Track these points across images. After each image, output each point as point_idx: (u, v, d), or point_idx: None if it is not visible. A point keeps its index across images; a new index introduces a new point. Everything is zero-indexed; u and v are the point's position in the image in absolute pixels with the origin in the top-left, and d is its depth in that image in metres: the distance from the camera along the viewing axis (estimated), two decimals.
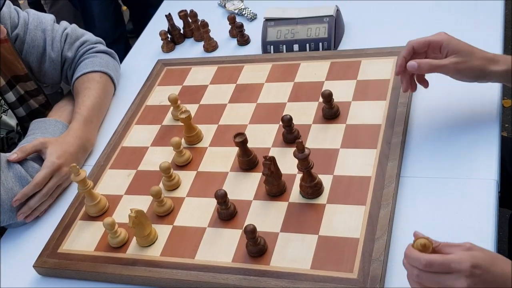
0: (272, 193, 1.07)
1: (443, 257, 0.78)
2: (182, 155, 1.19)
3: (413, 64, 0.96)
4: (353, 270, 0.91)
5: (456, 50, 0.99)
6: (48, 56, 1.39)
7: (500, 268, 0.77)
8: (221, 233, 1.04)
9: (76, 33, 1.45)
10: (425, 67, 0.98)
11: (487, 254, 0.78)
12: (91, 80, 1.39)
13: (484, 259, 0.77)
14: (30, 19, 1.38)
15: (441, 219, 0.96)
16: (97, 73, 1.41)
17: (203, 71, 1.43)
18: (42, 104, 1.41)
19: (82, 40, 1.45)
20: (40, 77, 1.44)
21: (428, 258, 0.78)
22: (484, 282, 0.76)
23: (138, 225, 1.03)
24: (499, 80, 1.04)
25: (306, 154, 1.00)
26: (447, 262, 0.77)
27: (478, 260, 0.76)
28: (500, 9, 1.33)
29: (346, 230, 0.97)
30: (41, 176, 1.18)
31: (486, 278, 0.76)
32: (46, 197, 1.20)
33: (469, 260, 0.76)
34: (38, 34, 1.38)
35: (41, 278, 1.10)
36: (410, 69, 0.95)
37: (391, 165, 1.04)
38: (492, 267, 0.77)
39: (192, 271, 0.99)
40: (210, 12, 1.66)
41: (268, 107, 1.26)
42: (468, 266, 0.75)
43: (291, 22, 1.40)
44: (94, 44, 1.47)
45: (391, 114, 1.13)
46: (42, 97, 1.41)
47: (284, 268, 0.95)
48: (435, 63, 0.99)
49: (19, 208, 1.18)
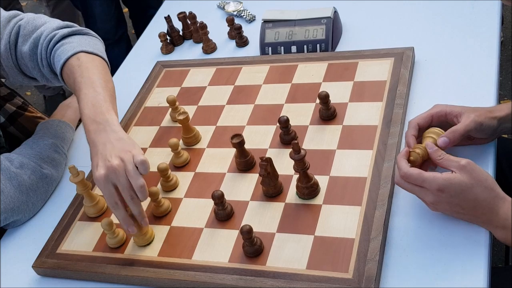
0: (268, 194, 1.08)
1: (420, 174, 0.91)
2: (180, 156, 1.20)
3: (445, 140, 0.97)
4: (348, 270, 0.92)
5: (464, 109, 1.00)
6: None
7: (474, 194, 0.88)
8: (218, 233, 1.05)
9: (33, 23, 1.24)
10: (455, 138, 0.98)
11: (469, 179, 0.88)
12: (76, 68, 1.15)
13: (460, 184, 0.88)
14: None
15: (436, 219, 0.97)
16: (74, 56, 1.17)
17: (201, 72, 1.44)
18: (19, 106, 1.37)
19: (39, 32, 1.22)
20: (6, 77, 1.28)
21: (407, 171, 0.92)
22: (449, 203, 0.90)
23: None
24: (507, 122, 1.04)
25: (302, 155, 1.00)
26: (420, 179, 0.91)
27: (448, 185, 0.88)
28: (497, 10, 1.34)
29: (342, 230, 0.98)
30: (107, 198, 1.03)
31: (451, 200, 0.90)
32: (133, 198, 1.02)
33: (439, 183, 0.89)
34: None
35: (40, 278, 1.11)
36: (444, 146, 0.96)
37: (387, 165, 1.05)
38: (463, 192, 0.88)
39: (189, 271, 1.00)
40: (209, 14, 1.66)
41: (265, 109, 1.27)
42: (434, 188, 0.90)
43: (289, 24, 1.41)
44: (53, 30, 1.23)
45: (388, 115, 1.14)
46: (18, 99, 1.38)
47: (280, 268, 0.96)
48: (460, 128, 0.98)
49: (29, 196, 1.18)
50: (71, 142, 1.39)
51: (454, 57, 1.26)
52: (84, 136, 1.39)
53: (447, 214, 0.95)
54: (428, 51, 1.29)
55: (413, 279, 0.91)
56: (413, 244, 0.95)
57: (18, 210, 1.19)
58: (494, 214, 0.89)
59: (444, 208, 0.93)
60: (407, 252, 0.94)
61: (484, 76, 1.19)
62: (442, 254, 0.92)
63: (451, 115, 1.01)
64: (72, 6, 2.77)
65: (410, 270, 0.92)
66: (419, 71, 1.25)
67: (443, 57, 1.27)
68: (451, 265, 0.90)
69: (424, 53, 1.29)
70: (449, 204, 0.91)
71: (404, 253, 0.94)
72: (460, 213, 0.92)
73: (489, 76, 1.18)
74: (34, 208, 1.23)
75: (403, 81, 1.20)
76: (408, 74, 1.21)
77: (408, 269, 0.92)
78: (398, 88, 1.19)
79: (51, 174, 1.25)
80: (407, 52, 1.26)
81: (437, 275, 0.90)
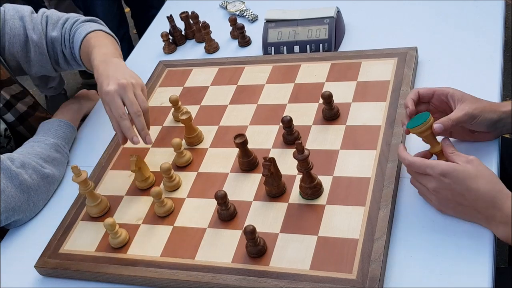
0: (272, 194, 1.07)
1: (423, 161, 0.93)
2: (182, 156, 1.19)
3: (440, 126, 0.97)
4: (352, 271, 0.91)
5: (464, 98, 1.00)
6: (31, 41, 1.37)
7: (477, 184, 0.89)
8: (221, 233, 1.05)
9: (57, 14, 1.43)
10: (448, 125, 0.98)
11: (473, 170, 0.89)
12: (93, 38, 1.33)
13: (463, 171, 0.89)
14: (6, 10, 1.36)
15: (440, 219, 0.97)
16: (93, 32, 1.36)
17: (204, 72, 1.43)
18: (31, 106, 1.40)
19: (65, 18, 1.42)
20: (29, 69, 1.42)
21: (411, 159, 0.94)
22: (451, 191, 0.91)
23: (139, 169, 1.14)
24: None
25: (305, 155, 1.00)
26: (424, 166, 0.93)
27: (452, 170, 0.89)
28: (501, 10, 1.33)
29: (345, 231, 0.98)
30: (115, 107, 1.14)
31: (453, 187, 0.90)
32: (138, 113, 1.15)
33: (443, 167, 0.90)
34: (16, 22, 1.36)
35: (43, 278, 1.11)
36: (438, 131, 0.96)
37: (390, 166, 1.05)
38: (467, 180, 0.89)
39: (192, 272, 1.00)
40: (211, 13, 1.66)
41: (268, 108, 1.27)
42: (437, 173, 0.91)
43: (292, 24, 1.41)
44: (77, 17, 1.43)
45: (391, 115, 1.14)
46: (30, 99, 1.40)
47: (284, 268, 0.95)
48: (454, 117, 0.98)
49: (30, 196, 1.19)
50: (73, 142, 1.38)
51: (457, 57, 1.26)
52: (84, 136, 1.41)
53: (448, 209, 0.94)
54: (431, 51, 1.29)
55: (417, 280, 0.90)
56: (417, 244, 0.95)
57: (19, 210, 1.19)
58: (497, 209, 0.89)
59: (446, 196, 0.92)
60: (411, 252, 0.94)
61: (487, 76, 1.19)
62: (446, 255, 0.92)
63: (452, 97, 1.00)
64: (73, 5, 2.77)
65: (414, 271, 0.92)
66: (423, 71, 1.25)
67: (447, 57, 1.27)
68: (455, 265, 0.90)
69: (428, 53, 1.28)
70: (451, 192, 0.91)
71: (408, 254, 0.94)
72: (462, 205, 0.92)
73: (493, 76, 1.18)
74: (35, 208, 1.22)
75: (407, 81, 1.19)
76: (411, 74, 1.21)
77: (412, 270, 0.92)
78: (402, 88, 1.18)
79: (52, 174, 1.25)
80: (410, 52, 1.25)
81: (441, 275, 0.90)
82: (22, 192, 1.18)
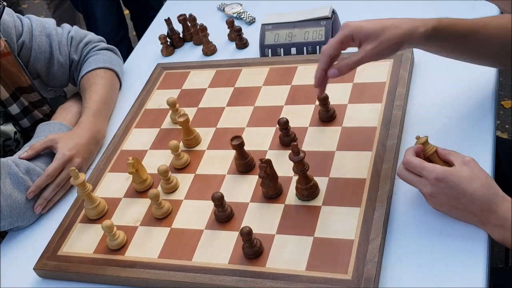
0: (268, 196, 1.08)
1: (421, 162, 0.92)
2: (180, 158, 1.20)
3: (334, 72, 0.96)
4: (347, 271, 0.92)
5: (367, 35, 0.98)
6: (56, 60, 1.42)
7: (472, 188, 0.88)
8: (218, 235, 1.05)
9: (80, 34, 1.49)
10: (345, 70, 0.97)
11: (468, 173, 0.89)
12: (96, 77, 1.42)
13: (458, 176, 0.88)
14: (34, 26, 1.40)
15: (435, 220, 0.97)
16: (101, 69, 1.44)
17: (201, 74, 1.44)
18: (46, 114, 1.43)
19: (86, 41, 1.49)
20: (48, 81, 1.47)
21: (409, 158, 0.93)
22: (447, 195, 0.90)
23: (137, 171, 1.15)
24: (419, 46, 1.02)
25: (301, 157, 1.01)
26: (420, 168, 0.91)
27: (447, 175, 0.89)
28: (497, 11, 1.34)
29: (341, 231, 0.98)
30: (53, 168, 1.21)
31: (448, 192, 0.90)
32: (59, 187, 1.23)
33: (438, 172, 0.89)
34: (44, 39, 1.40)
35: (41, 280, 1.12)
36: (333, 77, 0.96)
37: (386, 167, 1.05)
38: (462, 185, 0.88)
39: (189, 273, 1.00)
40: (209, 16, 1.67)
41: (265, 110, 1.27)
42: (433, 177, 0.90)
43: (289, 26, 1.41)
44: (97, 43, 1.50)
45: (387, 117, 1.14)
46: (47, 107, 1.44)
47: (280, 269, 0.96)
48: (352, 61, 0.97)
49: (34, 202, 1.21)
50: None
51: None
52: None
53: (444, 211, 0.95)
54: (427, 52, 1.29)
55: (412, 280, 0.91)
56: (412, 245, 0.95)
57: (24, 216, 1.20)
58: (492, 212, 0.89)
59: (441, 201, 0.93)
60: (406, 253, 0.95)
61: (483, 77, 1.19)
62: (441, 255, 0.92)
63: (356, 38, 0.98)
64: (73, 8, 2.78)
65: (409, 271, 0.92)
66: (419, 72, 1.26)
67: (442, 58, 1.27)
68: (450, 266, 0.91)
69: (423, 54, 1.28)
70: (446, 196, 0.91)
71: (403, 254, 0.95)
72: (457, 209, 0.92)
73: (489, 77, 1.19)
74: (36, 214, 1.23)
75: (403, 83, 1.20)
76: (407, 75, 1.21)
77: (407, 270, 0.92)
78: (397, 90, 1.19)
79: None
80: (406, 54, 1.26)
81: (436, 276, 0.90)
82: (27, 199, 1.20)
